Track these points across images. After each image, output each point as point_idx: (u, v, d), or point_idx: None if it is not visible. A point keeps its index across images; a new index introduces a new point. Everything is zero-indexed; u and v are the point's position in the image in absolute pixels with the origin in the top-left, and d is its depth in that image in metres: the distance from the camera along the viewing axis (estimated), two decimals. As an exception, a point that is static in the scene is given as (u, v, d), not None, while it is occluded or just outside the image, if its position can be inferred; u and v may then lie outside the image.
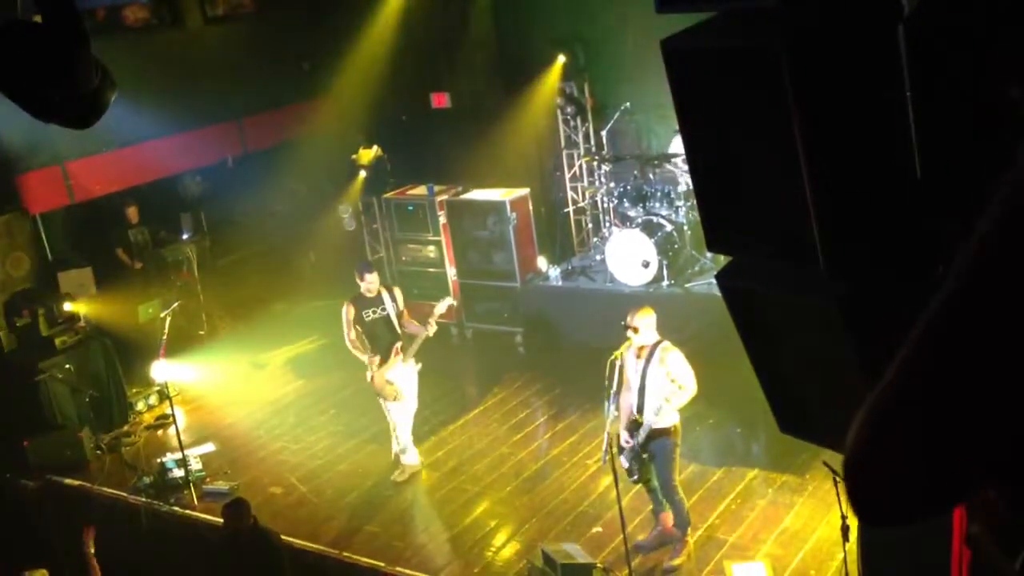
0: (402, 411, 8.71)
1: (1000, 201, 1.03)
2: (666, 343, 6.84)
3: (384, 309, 8.62)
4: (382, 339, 8.61)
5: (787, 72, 2.47)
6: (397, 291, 8.80)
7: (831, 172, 2.62)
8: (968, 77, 2.29)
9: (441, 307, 8.59)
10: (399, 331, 8.65)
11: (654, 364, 6.77)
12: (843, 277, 2.66)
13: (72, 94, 2.76)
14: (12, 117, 10.24)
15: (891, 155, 2.75)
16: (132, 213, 12.59)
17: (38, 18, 2.81)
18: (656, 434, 6.82)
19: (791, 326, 3.01)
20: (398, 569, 7.47)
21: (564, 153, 12.28)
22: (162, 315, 9.22)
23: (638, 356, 6.85)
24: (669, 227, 10.26)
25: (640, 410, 6.85)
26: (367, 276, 8.57)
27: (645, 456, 6.91)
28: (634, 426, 6.91)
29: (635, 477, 7.03)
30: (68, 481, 9.59)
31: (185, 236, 13.13)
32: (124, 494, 9.20)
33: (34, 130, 9.17)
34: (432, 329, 8.54)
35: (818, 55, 2.55)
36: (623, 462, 6.99)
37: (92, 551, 6.73)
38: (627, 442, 6.96)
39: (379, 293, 8.63)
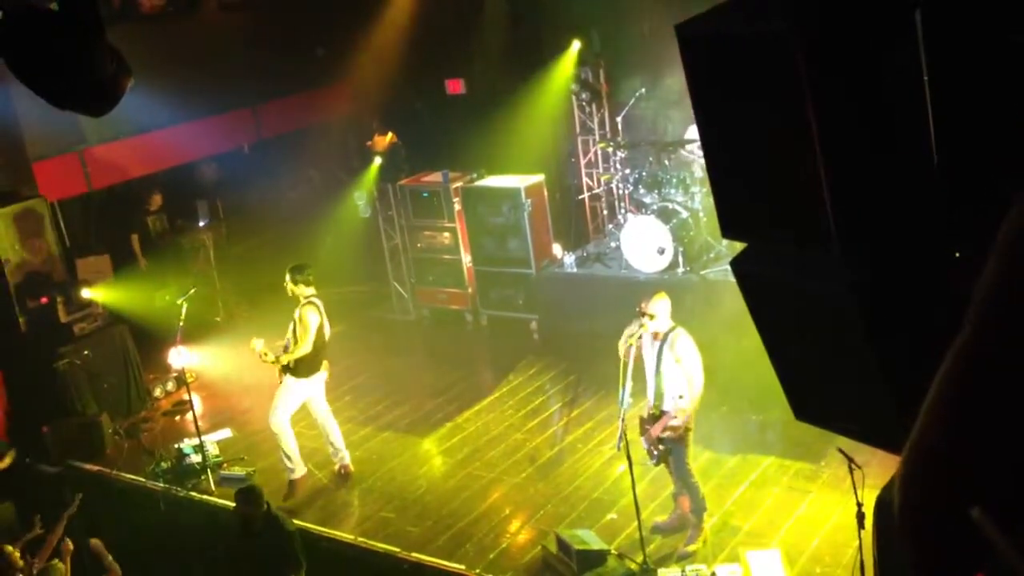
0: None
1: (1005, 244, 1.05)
2: (679, 328, 6.82)
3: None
4: None
5: (801, 58, 2.46)
6: (299, 312, 8.43)
7: (846, 158, 2.61)
8: (986, 62, 2.27)
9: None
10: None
11: (667, 351, 6.76)
12: (858, 264, 2.65)
13: (88, 81, 2.78)
14: (30, 104, 10.32)
15: (907, 142, 2.73)
16: (156, 200, 12.67)
17: (54, 5, 2.83)
18: (672, 428, 6.80)
19: (805, 312, 3.00)
20: (413, 555, 7.51)
21: (579, 139, 12.24)
22: (178, 301, 9.27)
23: (653, 340, 6.83)
24: (684, 213, 10.22)
25: (657, 400, 6.84)
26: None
27: (662, 447, 6.91)
28: (652, 418, 6.90)
29: (654, 461, 7.04)
30: (87, 466, 9.68)
31: (201, 223, 13.20)
32: (142, 479, 9.28)
33: (52, 117, 9.17)
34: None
35: (833, 41, 2.54)
36: (644, 444, 7.00)
37: (109, 557, 6.82)
38: (644, 428, 6.96)
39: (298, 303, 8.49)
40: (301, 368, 8.42)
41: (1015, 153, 2.38)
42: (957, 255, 2.82)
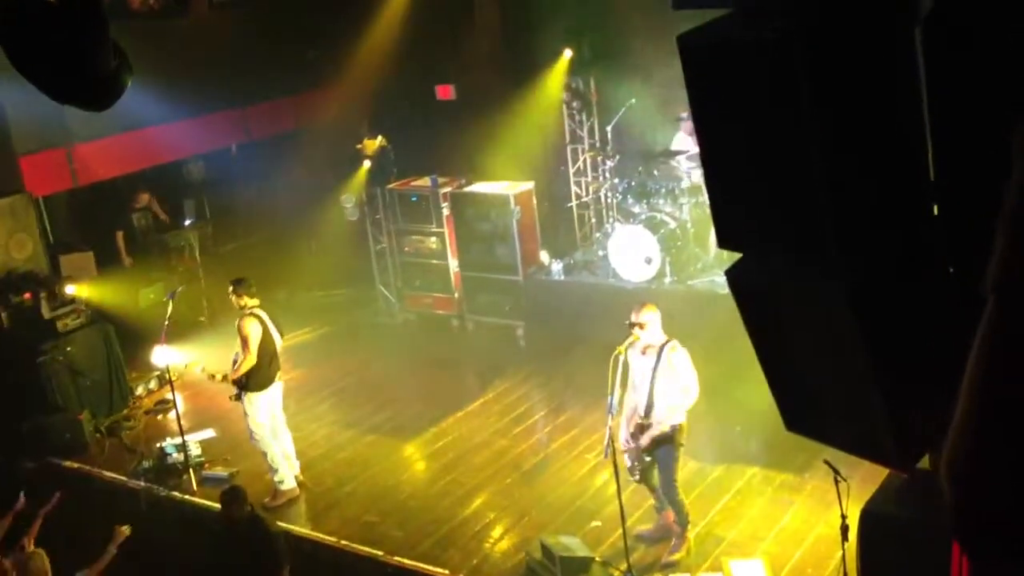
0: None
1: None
2: (674, 342, 6.78)
3: None
4: None
5: (800, 67, 2.48)
6: (237, 324, 8.43)
7: (844, 167, 2.63)
8: (987, 79, 2.30)
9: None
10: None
11: (663, 365, 6.71)
12: (854, 275, 2.68)
13: (90, 76, 2.77)
14: (17, 98, 10.27)
15: (904, 152, 2.76)
16: (144, 198, 12.62)
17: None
18: (662, 438, 6.80)
19: (800, 323, 3.02)
20: (396, 559, 7.49)
21: (568, 148, 12.27)
22: (165, 299, 9.23)
23: (643, 353, 6.81)
24: (672, 224, 10.26)
25: (648, 412, 6.82)
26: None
27: (648, 459, 6.91)
28: (640, 429, 6.88)
29: (636, 476, 7.03)
30: (67, 463, 9.61)
31: (187, 222, 13.15)
32: (123, 478, 9.22)
33: (39, 112, 9.18)
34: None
35: (833, 52, 2.56)
36: (626, 460, 6.99)
37: (114, 551, 6.75)
38: (628, 444, 6.93)
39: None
40: (254, 382, 8.32)
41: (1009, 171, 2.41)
42: (951, 270, 2.86)
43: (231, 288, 8.58)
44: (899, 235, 2.84)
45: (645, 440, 6.80)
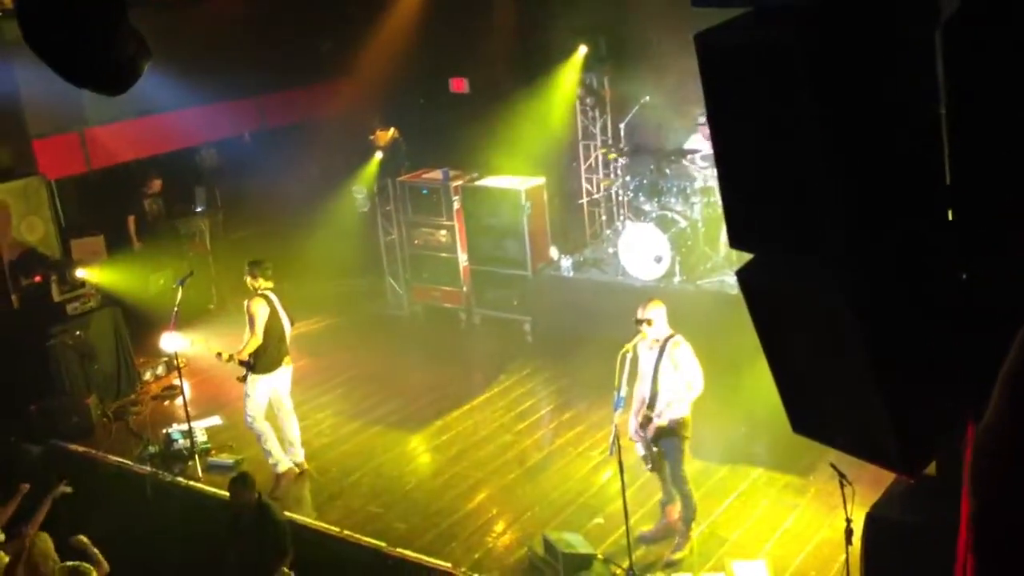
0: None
1: None
2: (677, 337, 6.85)
3: None
4: None
5: (802, 69, 2.47)
6: (246, 303, 8.59)
7: (846, 169, 2.62)
8: (1011, 84, 2.29)
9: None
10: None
11: (665, 358, 6.79)
12: (861, 276, 2.67)
13: (107, 61, 2.77)
14: (32, 81, 10.28)
15: (912, 156, 2.75)
16: (155, 184, 12.65)
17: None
18: (665, 430, 6.85)
19: (808, 324, 3.01)
20: (399, 550, 7.50)
21: (581, 144, 12.26)
22: (174, 285, 9.25)
23: (650, 348, 6.87)
24: (683, 223, 10.23)
25: (652, 404, 6.87)
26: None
27: (656, 450, 6.94)
28: (647, 420, 6.93)
29: (649, 466, 7.08)
30: (73, 447, 9.65)
31: (199, 209, 13.17)
32: (129, 462, 9.25)
33: (54, 95, 9.18)
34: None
35: (843, 54, 2.55)
36: (639, 450, 7.04)
37: (95, 550, 6.75)
38: (638, 434, 6.98)
39: None
40: (260, 364, 8.38)
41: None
42: (964, 277, 2.84)
43: (248, 268, 8.62)
44: (903, 237, 2.83)
45: (650, 432, 6.87)
